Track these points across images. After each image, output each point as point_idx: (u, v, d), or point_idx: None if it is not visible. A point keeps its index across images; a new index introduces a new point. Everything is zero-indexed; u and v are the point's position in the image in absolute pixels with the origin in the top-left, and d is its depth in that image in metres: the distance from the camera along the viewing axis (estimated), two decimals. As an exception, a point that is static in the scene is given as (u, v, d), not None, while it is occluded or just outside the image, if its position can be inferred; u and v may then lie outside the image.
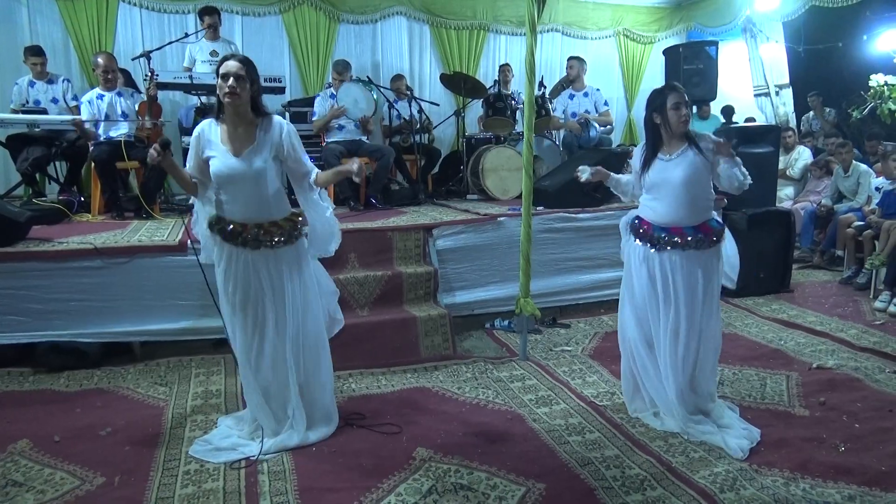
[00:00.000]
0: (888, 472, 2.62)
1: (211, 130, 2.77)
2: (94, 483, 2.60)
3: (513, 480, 2.62)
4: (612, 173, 3.33)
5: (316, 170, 2.91)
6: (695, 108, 7.97)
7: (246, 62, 2.73)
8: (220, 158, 2.71)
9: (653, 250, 3.02)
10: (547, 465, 2.74)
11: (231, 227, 2.78)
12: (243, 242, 2.77)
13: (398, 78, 7.05)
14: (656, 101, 3.03)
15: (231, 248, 2.80)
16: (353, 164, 2.81)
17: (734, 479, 2.60)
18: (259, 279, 2.79)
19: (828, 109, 8.28)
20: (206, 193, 2.86)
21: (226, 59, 2.74)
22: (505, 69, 7.15)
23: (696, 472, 2.67)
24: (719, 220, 3.09)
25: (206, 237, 2.93)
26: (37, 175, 5.57)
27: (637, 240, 3.10)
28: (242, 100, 2.68)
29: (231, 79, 2.64)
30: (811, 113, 8.40)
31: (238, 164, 2.70)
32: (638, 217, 3.14)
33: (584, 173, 3.28)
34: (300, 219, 2.90)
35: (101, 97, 5.08)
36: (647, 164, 3.07)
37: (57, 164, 5.77)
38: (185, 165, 2.88)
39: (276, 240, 2.79)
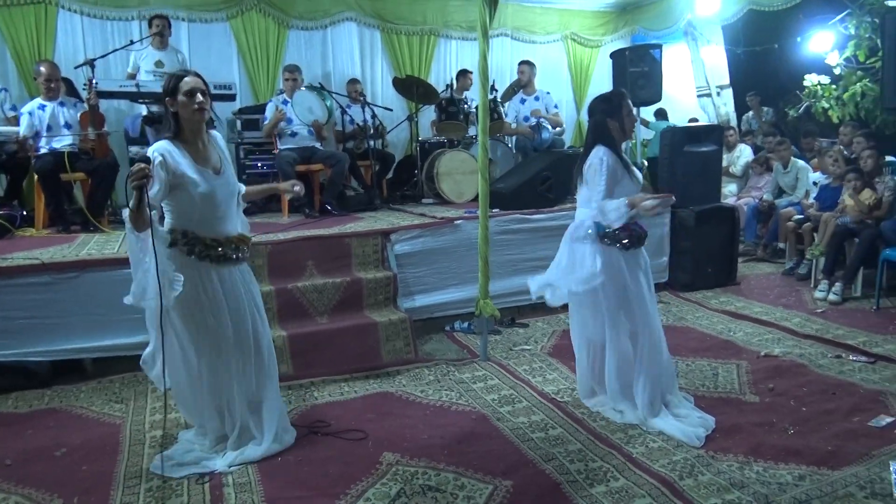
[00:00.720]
0: (834, 451, 2.76)
1: (175, 152, 2.63)
2: (50, 505, 2.53)
3: (480, 479, 2.65)
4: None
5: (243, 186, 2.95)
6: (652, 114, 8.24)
7: (200, 75, 2.71)
8: (204, 180, 2.65)
9: (623, 249, 3.09)
10: (512, 463, 2.78)
11: (209, 244, 2.70)
12: (219, 259, 2.72)
13: (353, 82, 7.04)
14: (611, 106, 3.10)
15: (204, 265, 2.72)
16: (296, 187, 2.88)
17: (692, 466, 2.69)
18: (229, 293, 2.76)
19: (765, 109, 8.63)
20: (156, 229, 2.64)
21: (180, 76, 2.65)
22: (465, 75, 7.20)
23: (656, 461, 2.75)
24: None
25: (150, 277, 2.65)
26: (-26, 190, 5.37)
27: (617, 248, 3.09)
28: (209, 113, 2.65)
29: (199, 95, 2.61)
30: (750, 112, 8.73)
31: (222, 183, 2.70)
32: (598, 228, 3.11)
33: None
34: (247, 238, 2.91)
35: (42, 107, 4.92)
36: (627, 169, 3.10)
37: (-4, 177, 5.56)
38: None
39: (239, 255, 2.79)
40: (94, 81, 4.88)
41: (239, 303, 2.79)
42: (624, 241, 3.08)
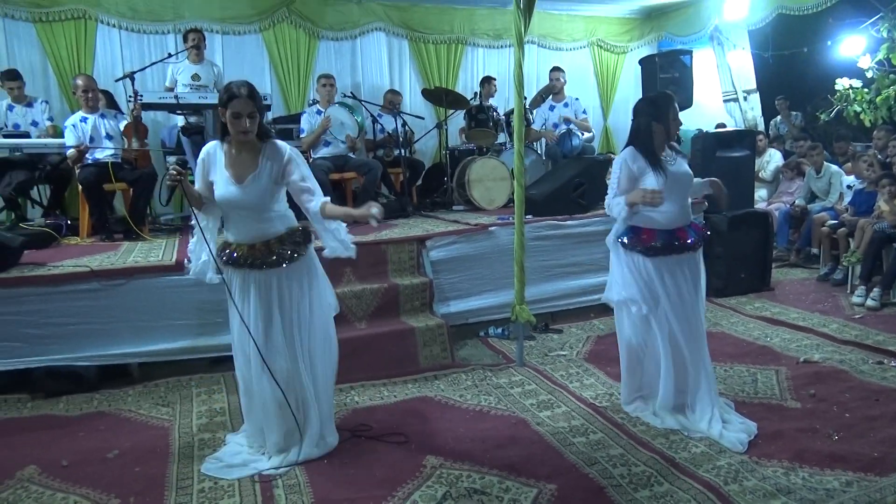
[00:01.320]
0: (881, 457, 2.75)
1: (216, 153, 2.79)
2: (108, 505, 2.60)
3: (524, 483, 2.68)
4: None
5: (323, 198, 2.82)
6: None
7: (252, 96, 2.68)
8: (223, 184, 2.75)
9: (650, 258, 3.09)
10: (555, 466, 2.81)
11: (236, 251, 2.81)
12: (250, 265, 2.79)
13: (393, 93, 7.12)
14: (657, 110, 3.11)
15: (239, 272, 2.83)
16: (373, 209, 2.67)
17: (737, 472, 2.70)
18: (272, 296, 2.81)
19: (794, 113, 8.56)
20: (214, 211, 2.89)
21: (233, 95, 2.66)
22: (489, 82, 7.27)
23: (700, 466, 2.76)
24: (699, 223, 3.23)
25: (202, 258, 2.90)
26: (19, 199, 5.52)
27: (638, 254, 3.11)
28: (254, 132, 2.72)
29: (245, 120, 2.66)
30: (779, 117, 8.67)
31: (239, 192, 2.73)
32: (633, 230, 3.14)
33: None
34: (300, 231, 2.90)
35: (84, 120, 5.05)
36: (656, 169, 3.07)
37: (39, 187, 5.71)
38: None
39: (280, 257, 2.80)
40: (139, 94, 5.00)
41: (264, 307, 2.82)
42: (644, 248, 3.08)
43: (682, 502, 2.50)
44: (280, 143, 2.84)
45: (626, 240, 3.15)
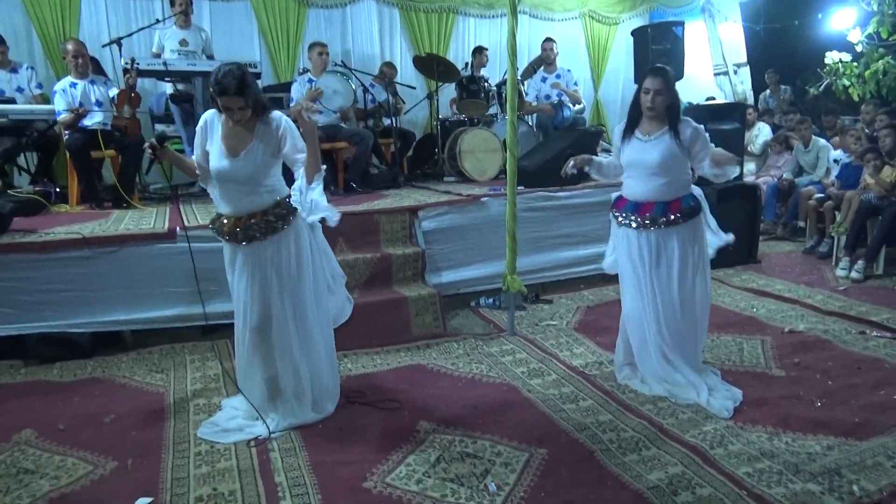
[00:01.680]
0: (861, 423, 2.83)
1: (213, 123, 2.79)
2: (106, 468, 2.64)
3: (515, 447, 2.75)
4: (593, 157, 3.43)
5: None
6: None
7: (241, 90, 2.62)
8: (217, 156, 2.75)
9: (632, 228, 3.16)
10: (546, 432, 2.87)
11: (225, 223, 2.83)
12: (238, 238, 2.81)
13: (389, 66, 7.05)
14: (641, 81, 3.15)
15: (230, 245, 2.87)
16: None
17: (722, 436, 2.77)
18: (260, 269, 2.84)
19: (783, 87, 8.59)
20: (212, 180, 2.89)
21: (222, 89, 2.61)
22: (480, 52, 7.23)
23: (687, 431, 2.83)
24: (696, 195, 3.22)
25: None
26: (6, 166, 5.45)
27: (616, 217, 3.25)
28: (246, 115, 2.72)
29: (236, 112, 2.67)
30: (767, 91, 8.69)
31: (231, 165, 2.74)
32: (619, 195, 3.29)
33: (568, 166, 3.37)
34: (286, 202, 2.88)
35: (73, 85, 4.98)
36: (624, 139, 3.19)
37: (26, 154, 5.63)
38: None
39: (265, 230, 2.81)
40: (135, 61, 4.92)
41: (264, 276, 2.85)
42: (624, 218, 3.19)
43: (669, 465, 2.57)
44: (275, 114, 2.82)
45: (612, 203, 3.30)
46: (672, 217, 3.10)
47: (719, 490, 2.38)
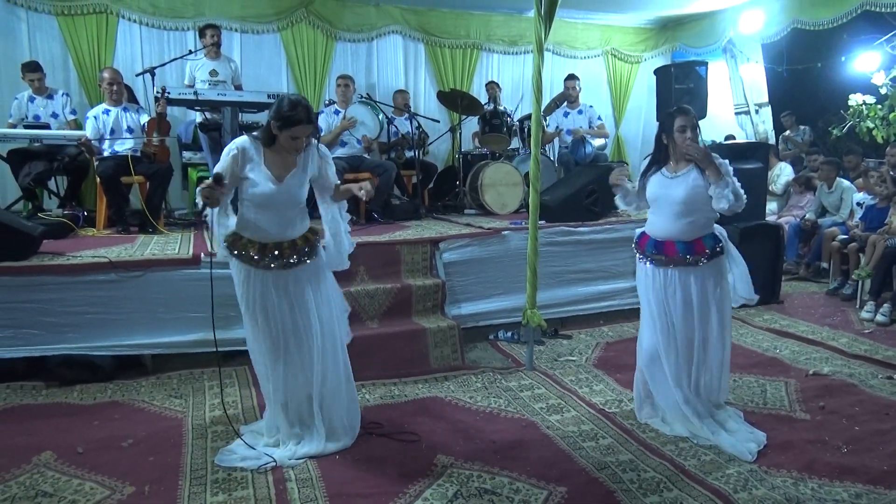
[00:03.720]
0: (890, 470, 2.76)
1: (253, 149, 2.82)
2: (124, 492, 2.64)
3: (534, 485, 2.71)
4: (628, 181, 3.42)
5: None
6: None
7: (311, 118, 2.80)
8: (262, 182, 2.78)
9: (652, 265, 3.16)
10: (565, 470, 2.83)
11: (251, 250, 2.84)
12: (267, 264, 2.83)
13: (401, 92, 7.17)
14: (666, 122, 3.17)
15: (255, 268, 2.87)
16: (364, 185, 3.01)
17: (746, 480, 2.71)
18: (280, 296, 2.86)
19: (802, 127, 8.56)
20: (225, 202, 2.89)
21: (296, 122, 2.72)
22: (492, 86, 7.34)
23: (709, 473, 2.78)
24: (720, 236, 3.20)
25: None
26: (37, 190, 5.58)
27: (638, 254, 3.25)
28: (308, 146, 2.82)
29: (303, 141, 2.78)
30: (787, 132, 8.67)
31: (280, 191, 2.79)
32: (642, 231, 3.28)
33: (613, 176, 3.42)
34: (316, 235, 2.99)
35: (107, 112, 5.12)
36: (645, 176, 3.23)
37: (57, 178, 5.76)
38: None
39: (294, 259, 2.86)
40: (166, 91, 5.06)
41: (286, 304, 2.87)
42: (648, 256, 3.18)
43: (691, 508, 2.52)
44: (317, 145, 2.95)
45: (635, 240, 3.29)
46: (694, 257, 3.09)
47: (744, 536, 2.33)
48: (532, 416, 3.40)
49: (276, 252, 2.83)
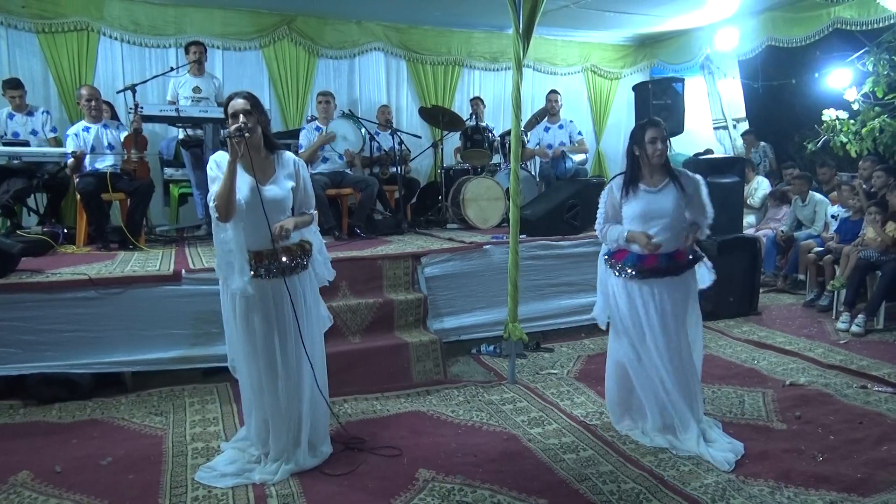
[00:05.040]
0: (864, 478, 2.81)
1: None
2: (102, 511, 2.62)
3: (515, 497, 2.72)
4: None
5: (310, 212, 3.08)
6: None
7: (251, 97, 2.83)
8: (247, 187, 2.78)
9: (629, 280, 3.17)
10: (546, 482, 2.85)
11: (248, 259, 2.83)
12: (262, 274, 2.83)
13: (384, 109, 7.22)
14: (637, 134, 3.22)
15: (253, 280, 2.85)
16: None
17: (724, 490, 2.75)
18: (272, 307, 2.86)
19: (762, 144, 8.63)
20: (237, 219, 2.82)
21: (230, 98, 2.83)
22: (476, 101, 7.43)
23: (688, 484, 2.81)
24: (696, 248, 3.26)
25: (234, 266, 2.81)
26: (15, 207, 5.53)
27: (614, 272, 3.24)
28: (256, 133, 2.79)
29: (240, 116, 2.75)
30: (762, 144, 8.74)
31: (266, 192, 2.80)
32: (608, 252, 3.27)
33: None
34: (308, 245, 3.00)
35: (87, 129, 5.11)
36: (627, 193, 3.19)
37: (36, 195, 5.72)
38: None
39: (293, 264, 2.88)
40: (139, 106, 5.06)
41: (270, 316, 2.87)
42: (627, 271, 3.17)
43: (670, 519, 2.55)
44: (287, 152, 2.98)
45: (608, 257, 3.27)
46: (675, 266, 3.15)
47: (721, 545, 2.36)
48: (514, 429, 3.42)
49: (273, 259, 2.84)
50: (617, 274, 3.22)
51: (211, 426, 3.46)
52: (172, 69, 5.98)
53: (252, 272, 2.81)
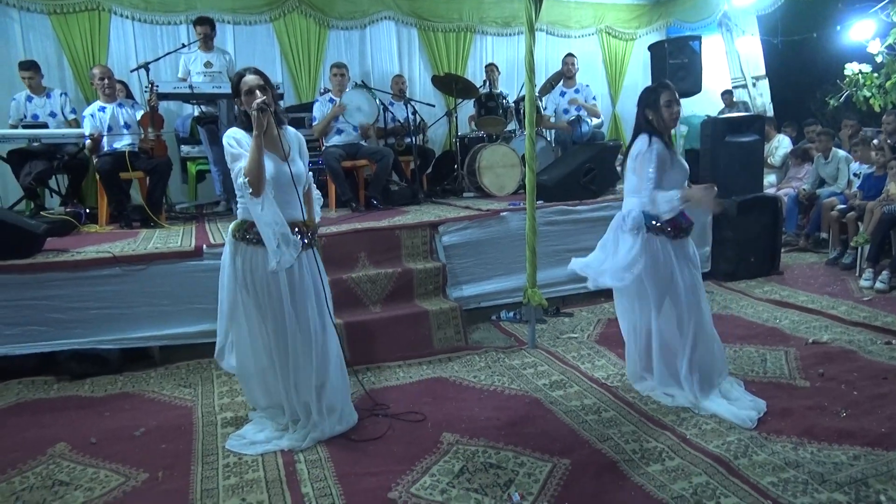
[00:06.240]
0: (888, 433, 2.80)
1: (244, 138, 2.83)
2: (138, 479, 2.70)
3: (539, 458, 2.76)
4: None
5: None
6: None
7: (260, 73, 2.84)
8: (270, 162, 2.79)
9: (665, 240, 3.16)
10: (569, 443, 2.89)
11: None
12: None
13: (398, 79, 7.18)
14: (649, 98, 3.17)
15: (256, 251, 2.88)
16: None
17: (746, 447, 2.76)
18: (293, 279, 2.89)
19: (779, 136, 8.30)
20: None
21: (241, 75, 2.82)
22: (491, 68, 7.34)
23: (710, 441, 2.83)
24: None
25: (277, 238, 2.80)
26: (38, 189, 5.61)
27: (662, 237, 3.16)
28: (272, 108, 2.80)
29: (257, 91, 2.75)
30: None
31: (287, 167, 2.83)
32: (653, 216, 3.16)
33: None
34: (316, 221, 3.07)
35: (102, 109, 5.15)
36: (664, 153, 3.10)
37: (57, 177, 5.80)
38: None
39: (307, 239, 2.92)
40: (154, 85, 5.08)
41: (298, 288, 2.91)
42: (668, 230, 3.15)
43: (693, 475, 2.57)
44: (289, 128, 3.00)
45: (658, 223, 3.15)
46: (692, 225, 3.20)
47: (744, 500, 2.38)
48: (535, 392, 3.45)
49: (303, 230, 2.89)
50: (654, 233, 3.15)
51: (238, 396, 3.53)
52: (184, 45, 5.97)
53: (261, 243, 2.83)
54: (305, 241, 2.93)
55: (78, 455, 2.93)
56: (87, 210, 5.33)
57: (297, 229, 2.89)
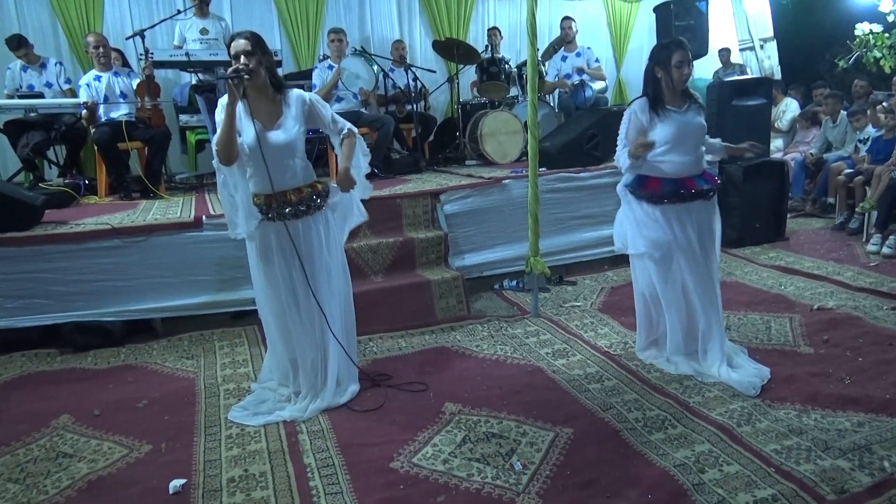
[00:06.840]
0: (892, 399, 2.79)
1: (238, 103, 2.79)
2: (141, 450, 2.71)
3: (541, 427, 2.76)
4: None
5: (348, 124, 3.04)
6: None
7: (253, 37, 2.77)
8: (247, 132, 2.76)
9: (661, 207, 3.11)
10: (571, 412, 2.88)
11: (258, 202, 2.85)
12: (272, 216, 2.84)
13: (398, 44, 7.04)
14: (661, 55, 3.09)
15: (264, 223, 2.88)
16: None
17: (749, 414, 2.75)
18: (288, 247, 2.87)
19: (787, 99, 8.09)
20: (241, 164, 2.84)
21: (232, 38, 2.78)
22: (494, 32, 7.19)
23: (713, 409, 2.82)
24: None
25: (238, 210, 2.90)
26: (36, 160, 5.56)
27: (645, 202, 3.14)
28: (260, 75, 2.73)
29: (241, 57, 2.70)
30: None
31: (270, 135, 2.77)
32: (639, 179, 3.16)
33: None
34: (321, 187, 2.98)
35: (98, 78, 5.07)
36: (658, 115, 3.06)
37: (55, 147, 5.75)
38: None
39: (303, 207, 2.87)
40: (150, 52, 4.98)
41: (289, 257, 2.88)
42: (646, 194, 3.11)
43: (695, 443, 2.56)
44: (296, 90, 2.91)
45: (634, 188, 3.18)
46: (708, 187, 3.12)
47: (747, 468, 2.37)
48: (538, 361, 3.44)
49: (283, 201, 2.82)
50: (648, 205, 3.13)
51: (241, 368, 3.54)
52: (179, 12, 5.85)
53: (263, 216, 2.83)
54: (303, 207, 2.87)
55: (81, 427, 2.94)
56: (87, 181, 5.27)
57: (290, 198, 2.83)
